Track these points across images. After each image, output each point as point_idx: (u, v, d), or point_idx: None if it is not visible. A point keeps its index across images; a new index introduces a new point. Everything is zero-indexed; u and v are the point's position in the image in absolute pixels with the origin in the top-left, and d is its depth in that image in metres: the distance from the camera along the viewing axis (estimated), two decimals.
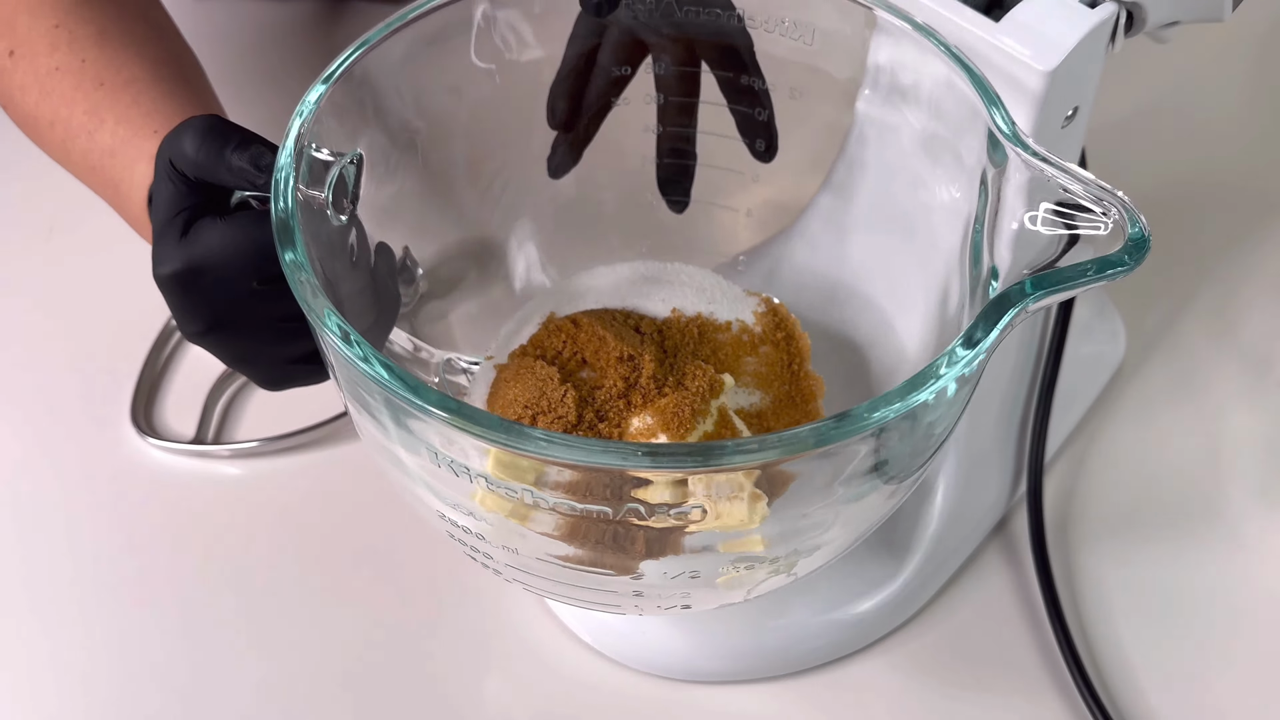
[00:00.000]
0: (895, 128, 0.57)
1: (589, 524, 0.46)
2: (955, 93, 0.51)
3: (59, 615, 0.65)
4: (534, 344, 0.57)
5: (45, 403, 0.73)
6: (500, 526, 0.47)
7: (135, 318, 0.75)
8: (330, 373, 0.48)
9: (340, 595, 0.66)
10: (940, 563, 0.64)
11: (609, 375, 0.55)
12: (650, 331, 0.58)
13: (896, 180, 0.58)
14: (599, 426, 0.54)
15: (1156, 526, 0.68)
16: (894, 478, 0.48)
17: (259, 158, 0.49)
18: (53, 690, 0.63)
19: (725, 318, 0.60)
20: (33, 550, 0.68)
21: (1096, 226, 0.44)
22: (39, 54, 0.61)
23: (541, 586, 0.50)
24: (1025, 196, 0.47)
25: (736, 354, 0.59)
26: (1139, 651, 0.63)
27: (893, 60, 0.55)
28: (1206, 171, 0.83)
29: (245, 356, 0.53)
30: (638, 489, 0.43)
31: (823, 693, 0.62)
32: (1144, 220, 0.43)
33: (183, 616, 0.65)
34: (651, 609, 0.51)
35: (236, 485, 0.70)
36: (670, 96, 0.60)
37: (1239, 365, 0.74)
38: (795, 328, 0.60)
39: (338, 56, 0.50)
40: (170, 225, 0.50)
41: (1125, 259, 0.42)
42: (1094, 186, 0.44)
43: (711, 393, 0.55)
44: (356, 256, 0.51)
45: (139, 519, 0.68)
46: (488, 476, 0.44)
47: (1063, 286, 0.42)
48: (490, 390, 0.57)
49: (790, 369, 0.59)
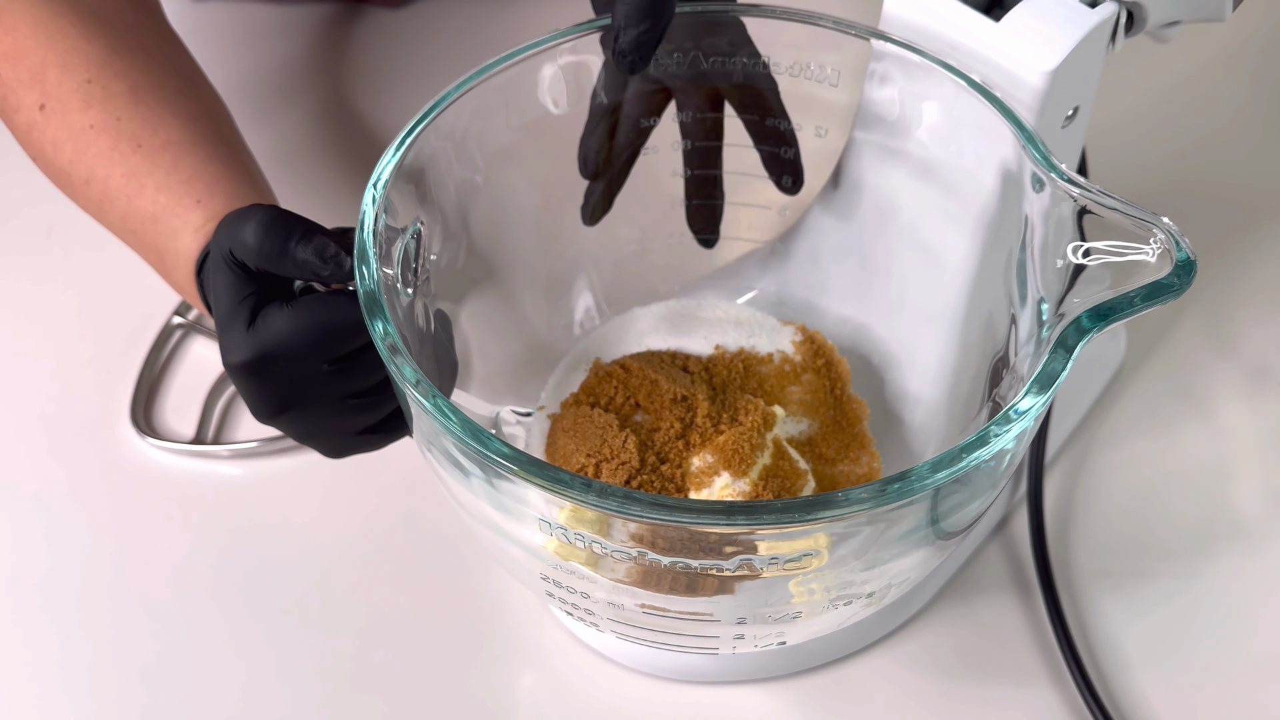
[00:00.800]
0: (905, 154, 0.57)
1: (666, 573, 0.46)
2: (980, 123, 0.52)
3: (59, 615, 0.65)
4: (586, 391, 0.58)
5: (45, 403, 0.73)
6: (604, 585, 0.48)
7: (135, 318, 0.75)
8: (419, 439, 0.49)
9: (340, 595, 0.66)
10: (940, 564, 0.64)
11: (665, 417, 0.56)
12: (698, 370, 0.59)
13: (904, 204, 0.58)
14: (661, 469, 0.55)
15: (1157, 527, 0.68)
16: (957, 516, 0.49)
17: (323, 250, 0.49)
18: (52, 690, 0.63)
19: (766, 350, 0.61)
20: (33, 550, 0.68)
21: (1144, 253, 0.45)
22: (72, 110, 0.61)
23: (643, 636, 0.51)
24: (1067, 227, 0.48)
25: (781, 384, 0.60)
26: (1139, 651, 0.63)
27: (910, 91, 0.55)
28: (1207, 171, 0.83)
29: (314, 432, 0.53)
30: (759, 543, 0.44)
31: (823, 693, 0.62)
32: (1188, 243, 0.44)
33: (182, 616, 0.65)
34: (749, 648, 0.52)
35: (236, 485, 0.70)
36: (696, 141, 0.61)
37: (1239, 365, 0.74)
38: (833, 353, 0.61)
39: (404, 130, 0.51)
40: (236, 314, 0.50)
41: (1175, 281, 0.44)
42: (1136, 212, 0.45)
43: (765, 426, 0.56)
44: (420, 324, 0.52)
45: (139, 519, 0.68)
46: (581, 534, 0.45)
47: (1117, 316, 0.44)
48: (547, 441, 0.58)
49: (833, 394, 0.60)
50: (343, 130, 0.85)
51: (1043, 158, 0.49)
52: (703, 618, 0.48)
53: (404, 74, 0.88)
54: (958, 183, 0.55)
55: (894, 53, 0.55)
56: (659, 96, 0.59)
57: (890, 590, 0.50)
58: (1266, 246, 0.79)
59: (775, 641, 0.51)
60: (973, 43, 0.53)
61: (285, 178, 0.82)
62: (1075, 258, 0.47)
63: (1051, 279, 0.48)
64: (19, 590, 0.66)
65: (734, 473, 0.54)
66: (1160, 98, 0.87)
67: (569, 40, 0.55)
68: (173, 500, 0.69)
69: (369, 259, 0.47)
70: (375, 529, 0.67)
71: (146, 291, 0.74)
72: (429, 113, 0.52)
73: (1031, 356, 0.48)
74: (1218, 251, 0.78)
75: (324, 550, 0.67)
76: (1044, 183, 0.48)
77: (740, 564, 0.44)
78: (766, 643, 0.51)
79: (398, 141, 0.51)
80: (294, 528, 0.68)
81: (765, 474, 0.54)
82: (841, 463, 0.58)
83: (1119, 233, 0.46)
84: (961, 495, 0.46)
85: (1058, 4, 0.53)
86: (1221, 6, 0.55)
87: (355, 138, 0.85)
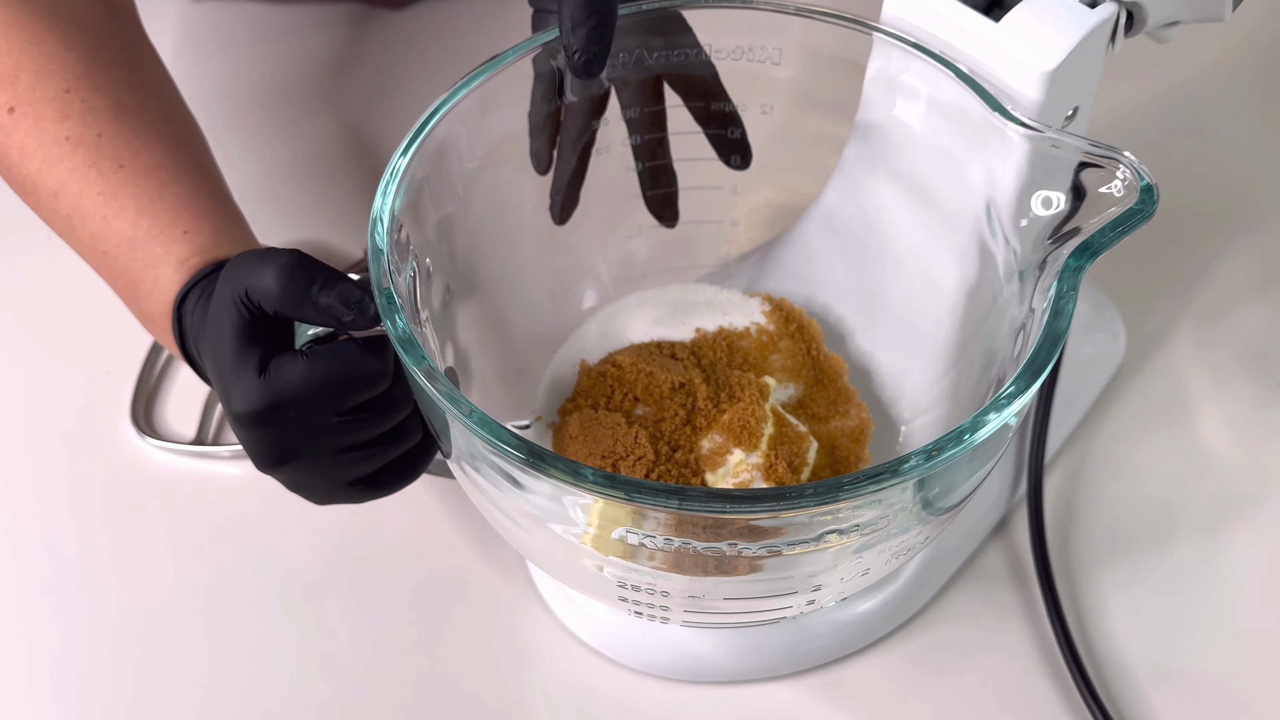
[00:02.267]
0: (888, 128, 0.58)
1: (692, 556, 0.47)
2: (940, 95, 0.53)
3: (59, 614, 0.65)
4: (583, 395, 0.59)
5: (45, 403, 0.73)
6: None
7: (135, 318, 0.75)
8: (480, 481, 0.49)
9: (340, 595, 0.66)
10: (940, 563, 0.64)
11: (667, 407, 0.57)
12: (685, 356, 0.60)
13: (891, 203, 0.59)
14: (675, 457, 0.56)
15: (1157, 526, 0.68)
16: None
17: (348, 296, 0.48)
18: (51, 690, 0.63)
19: (742, 325, 0.62)
20: (33, 550, 0.68)
21: (1112, 185, 0.48)
22: (46, 118, 0.58)
23: (718, 620, 0.53)
24: (1037, 172, 0.50)
25: (763, 355, 0.61)
26: (1140, 651, 0.63)
27: (886, 70, 0.56)
28: (1207, 171, 0.83)
29: (308, 484, 0.53)
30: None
31: (823, 693, 0.62)
32: (1147, 170, 0.47)
33: (182, 616, 0.65)
34: (828, 600, 0.53)
35: (236, 485, 0.70)
36: (644, 135, 0.61)
37: (1239, 365, 0.74)
38: (802, 317, 0.62)
39: (393, 166, 0.51)
40: (244, 360, 0.49)
41: (1143, 206, 0.47)
42: (1101, 150, 0.48)
43: (762, 397, 0.57)
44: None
45: (139, 519, 0.68)
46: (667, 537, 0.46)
47: (1101, 247, 0.47)
48: (554, 450, 0.58)
49: (810, 355, 0.61)
50: (343, 129, 0.85)
51: (994, 105, 0.51)
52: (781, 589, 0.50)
53: (405, 74, 0.88)
54: (939, 167, 0.57)
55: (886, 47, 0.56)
56: (600, 99, 0.60)
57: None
58: (1266, 246, 0.79)
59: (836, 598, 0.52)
60: (972, 43, 0.53)
61: (287, 177, 0.82)
62: (1041, 209, 0.50)
63: (1032, 234, 0.50)
64: (19, 590, 0.66)
65: (745, 447, 0.55)
66: (1160, 98, 0.87)
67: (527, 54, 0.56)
68: (173, 500, 0.69)
69: (396, 307, 0.47)
70: (375, 529, 0.67)
71: None
72: (413, 139, 0.52)
73: (1031, 297, 0.50)
74: (1217, 251, 0.78)
75: (325, 550, 0.67)
76: (1003, 131, 0.51)
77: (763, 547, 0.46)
78: (831, 600, 0.52)
79: (391, 174, 0.51)
80: (295, 528, 0.68)
81: (773, 443, 0.55)
82: (834, 419, 0.60)
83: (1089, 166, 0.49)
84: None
85: (1057, 4, 0.53)
86: (1221, 6, 0.55)
87: (356, 136, 0.85)
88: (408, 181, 0.51)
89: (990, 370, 0.54)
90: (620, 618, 0.62)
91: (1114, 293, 0.73)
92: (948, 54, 0.54)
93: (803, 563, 0.47)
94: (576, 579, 0.53)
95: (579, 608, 0.63)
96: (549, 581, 0.64)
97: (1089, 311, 0.71)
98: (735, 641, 0.62)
